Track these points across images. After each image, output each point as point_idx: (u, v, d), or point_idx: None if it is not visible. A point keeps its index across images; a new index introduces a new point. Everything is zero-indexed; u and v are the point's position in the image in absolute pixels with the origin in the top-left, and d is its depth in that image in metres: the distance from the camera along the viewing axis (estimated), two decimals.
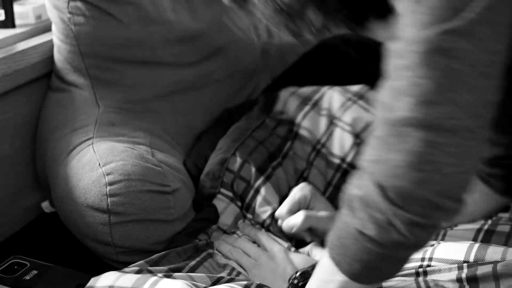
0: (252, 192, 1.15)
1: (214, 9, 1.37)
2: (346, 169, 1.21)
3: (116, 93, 1.20)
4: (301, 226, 1.06)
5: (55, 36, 1.21)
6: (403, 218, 0.69)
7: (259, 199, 1.14)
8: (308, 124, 1.25)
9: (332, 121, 1.25)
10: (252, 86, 1.45)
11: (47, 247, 1.13)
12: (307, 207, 1.09)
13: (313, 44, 1.52)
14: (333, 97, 1.29)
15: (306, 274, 0.89)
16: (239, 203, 1.14)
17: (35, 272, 1.03)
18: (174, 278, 0.89)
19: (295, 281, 0.90)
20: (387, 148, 0.69)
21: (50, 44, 1.23)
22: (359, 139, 1.23)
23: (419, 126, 0.67)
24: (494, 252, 0.90)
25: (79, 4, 1.17)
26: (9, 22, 1.26)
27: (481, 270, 0.86)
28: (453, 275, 0.88)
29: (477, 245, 0.92)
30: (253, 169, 1.15)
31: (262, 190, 1.14)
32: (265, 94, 1.34)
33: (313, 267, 0.90)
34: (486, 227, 1.01)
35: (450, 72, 0.67)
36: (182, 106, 1.28)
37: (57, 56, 1.21)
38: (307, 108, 1.27)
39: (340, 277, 0.76)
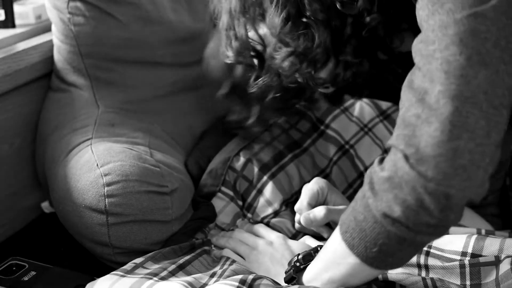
0: (254, 192, 1.14)
1: None
2: None
3: (116, 93, 1.20)
4: (322, 221, 1.05)
5: (55, 36, 1.21)
6: (435, 193, 0.70)
7: (261, 200, 1.13)
8: (337, 126, 1.25)
9: (362, 128, 1.25)
10: None
11: (46, 248, 1.13)
12: (324, 200, 1.09)
13: None
14: (364, 108, 1.28)
15: (308, 257, 0.89)
16: (240, 202, 1.14)
17: (33, 273, 1.03)
18: (169, 280, 0.89)
19: (297, 264, 0.89)
20: (421, 122, 0.71)
21: (50, 44, 1.23)
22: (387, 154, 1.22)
23: (453, 97, 0.70)
24: (492, 243, 0.91)
25: (79, 4, 1.17)
26: (9, 22, 1.26)
27: (484, 278, 0.87)
28: (457, 278, 0.88)
29: (474, 236, 0.92)
30: (256, 169, 1.15)
31: (265, 191, 1.14)
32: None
33: (315, 250, 0.90)
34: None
35: (481, 51, 0.70)
36: (182, 106, 1.28)
37: (57, 56, 1.21)
38: (337, 111, 1.27)
39: (352, 259, 0.77)
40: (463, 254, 0.91)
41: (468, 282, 0.88)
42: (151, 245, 1.02)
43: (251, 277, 0.87)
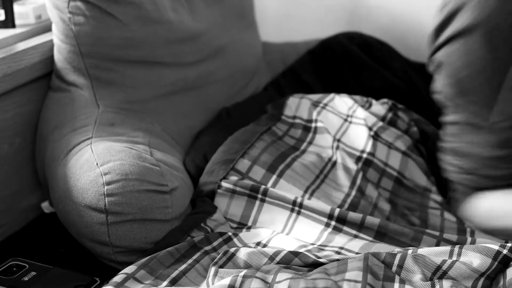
0: (265, 186, 1.11)
1: (214, 9, 1.37)
2: (367, 159, 1.21)
3: (116, 93, 1.20)
4: None
5: (55, 36, 1.21)
6: None
7: (275, 190, 1.10)
8: (324, 120, 1.26)
9: (346, 119, 1.27)
10: (253, 86, 1.45)
11: (46, 248, 1.13)
12: None
13: (316, 42, 1.53)
14: (342, 99, 1.32)
15: None
16: (246, 191, 1.10)
17: (33, 273, 1.03)
18: None
19: None
20: None
21: (50, 44, 1.23)
22: (371, 131, 1.25)
23: None
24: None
25: (79, 4, 1.16)
26: (9, 22, 1.25)
27: (495, 285, 0.87)
28: (470, 282, 0.87)
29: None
30: (264, 170, 1.13)
31: (277, 187, 1.11)
32: (273, 103, 1.34)
33: None
34: None
35: None
36: (182, 106, 1.28)
37: (57, 56, 1.21)
38: (319, 108, 1.29)
39: None
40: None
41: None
42: (151, 244, 1.01)
43: (239, 279, 0.85)
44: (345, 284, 0.83)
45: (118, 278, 0.90)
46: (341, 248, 1.02)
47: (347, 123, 1.27)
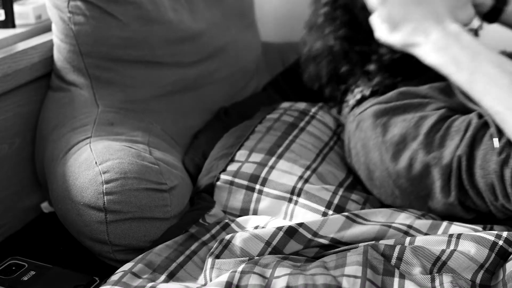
0: (266, 168, 1.10)
1: (214, 9, 1.37)
2: None
3: (116, 93, 1.20)
4: None
5: (55, 35, 1.21)
6: None
7: (275, 172, 1.10)
8: (323, 115, 1.28)
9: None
10: (253, 86, 1.45)
11: (45, 247, 1.13)
12: None
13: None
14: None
15: None
16: (245, 182, 1.10)
17: (33, 273, 1.02)
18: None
19: None
20: None
21: (50, 44, 1.23)
22: None
23: None
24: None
25: (79, 3, 1.17)
26: (9, 22, 1.25)
27: (494, 280, 0.86)
28: (469, 274, 0.87)
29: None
30: (262, 155, 1.13)
31: (278, 166, 1.11)
32: (264, 107, 1.34)
33: None
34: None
35: None
36: (182, 106, 1.28)
37: (57, 56, 1.21)
38: (315, 108, 1.30)
39: None
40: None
41: (478, 281, 0.87)
42: (150, 243, 1.01)
43: (237, 275, 0.84)
44: (344, 280, 0.83)
45: (116, 276, 0.90)
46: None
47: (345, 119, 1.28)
